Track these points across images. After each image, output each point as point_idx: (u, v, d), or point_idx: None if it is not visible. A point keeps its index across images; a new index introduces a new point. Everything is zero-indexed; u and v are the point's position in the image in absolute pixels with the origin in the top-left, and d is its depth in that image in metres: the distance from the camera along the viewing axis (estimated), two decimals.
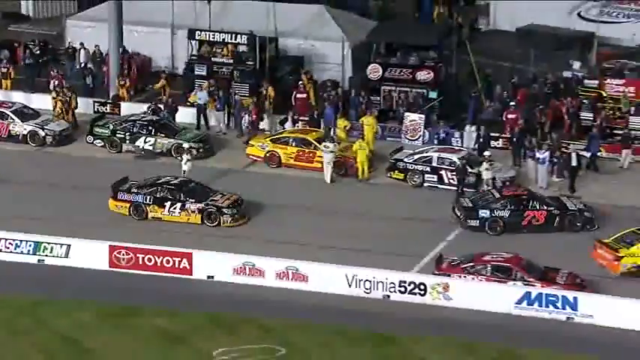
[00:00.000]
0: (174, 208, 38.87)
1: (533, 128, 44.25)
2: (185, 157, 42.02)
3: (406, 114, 45.61)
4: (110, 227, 38.64)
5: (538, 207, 38.69)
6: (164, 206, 38.90)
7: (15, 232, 37.20)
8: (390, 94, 46.64)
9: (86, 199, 40.69)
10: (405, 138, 45.35)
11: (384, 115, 46.17)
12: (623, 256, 35.93)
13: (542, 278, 34.77)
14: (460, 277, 35.11)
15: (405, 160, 42.40)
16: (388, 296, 35.14)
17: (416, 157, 42.34)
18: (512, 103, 45.12)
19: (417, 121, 45.37)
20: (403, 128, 45.57)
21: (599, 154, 42.79)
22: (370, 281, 35.26)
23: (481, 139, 43.78)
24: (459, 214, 39.10)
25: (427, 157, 42.16)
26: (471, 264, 35.36)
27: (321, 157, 42.80)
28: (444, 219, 39.49)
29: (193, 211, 38.87)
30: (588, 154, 42.45)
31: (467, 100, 46.44)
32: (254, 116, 45.22)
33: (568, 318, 33.95)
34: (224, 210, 38.83)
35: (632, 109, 44.70)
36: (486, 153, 42.04)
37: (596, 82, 45.85)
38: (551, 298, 34.01)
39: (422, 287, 34.95)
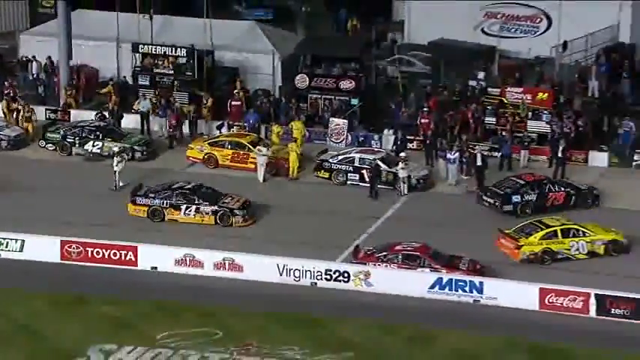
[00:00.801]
0: (190, 211, 38.25)
1: (443, 131, 44.41)
2: (116, 159, 41.39)
3: (331, 119, 45.68)
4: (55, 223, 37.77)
5: (557, 189, 39.18)
6: (180, 209, 38.27)
7: None
8: (316, 102, 46.72)
9: (40, 198, 40.06)
10: (330, 141, 45.36)
11: (311, 120, 46.20)
12: (522, 245, 36.02)
13: (447, 265, 34.91)
14: (374, 265, 35.11)
15: (330, 160, 42.37)
16: (315, 283, 35.03)
17: (340, 158, 42.30)
18: (425, 109, 45.17)
19: (340, 125, 45.41)
20: (328, 132, 45.56)
21: (514, 155, 42.95)
22: (299, 270, 35.15)
23: (399, 142, 43.72)
24: (492, 201, 39.06)
25: (350, 157, 42.16)
26: (384, 253, 35.40)
27: (254, 158, 42.63)
28: (364, 213, 39.40)
29: (207, 213, 38.30)
30: (499, 155, 42.51)
31: (387, 106, 46.59)
32: (173, 122, 44.87)
33: (475, 300, 34.04)
34: (235, 211, 38.33)
35: (530, 114, 44.87)
36: (402, 154, 42.19)
37: (498, 90, 46.01)
38: (460, 283, 34.11)
39: (346, 275, 34.90)
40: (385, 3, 56.11)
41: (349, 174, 41.77)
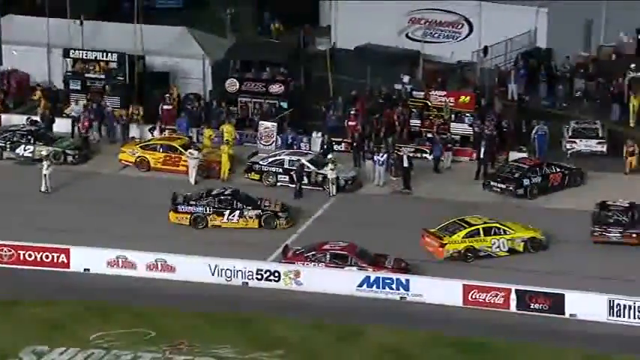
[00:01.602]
0: (233, 216, 37.93)
1: (370, 134, 44.49)
2: (45, 163, 40.86)
3: (261, 122, 45.50)
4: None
5: (555, 170, 40.83)
6: (223, 215, 37.90)
7: None
8: (246, 105, 46.50)
9: None
10: (260, 143, 45.16)
11: (242, 124, 45.94)
12: (446, 243, 36.29)
13: (373, 263, 34.99)
14: (303, 264, 35.05)
15: (261, 162, 42.24)
16: (247, 283, 34.82)
17: (270, 160, 42.22)
18: (352, 112, 45.22)
19: (270, 128, 45.27)
20: (258, 135, 45.36)
21: (442, 158, 43.22)
22: (231, 270, 34.95)
23: (325, 145, 43.73)
24: (504, 186, 40.11)
25: (279, 159, 42.08)
26: (313, 252, 35.38)
27: (186, 161, 42.31)
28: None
29: (251, 217, 38.01)
30: (431, 157, 42.89)
31: (316, 109, 46.68)
32: (86, 124, 44.53)
33: (401, 297, 34.21)
34: (279, 214, 38.06)
35: (453, 116, 45.20)
36: (330, 156, 42.13)
37: (423, 93, 46.23)
38: (387, 281, 34.23)
39: (276, 274, 34.80)
40: (312, 8, 56.18)
41: (279, 175, 41.65)
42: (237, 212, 38.03)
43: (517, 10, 50.53)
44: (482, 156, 42.47)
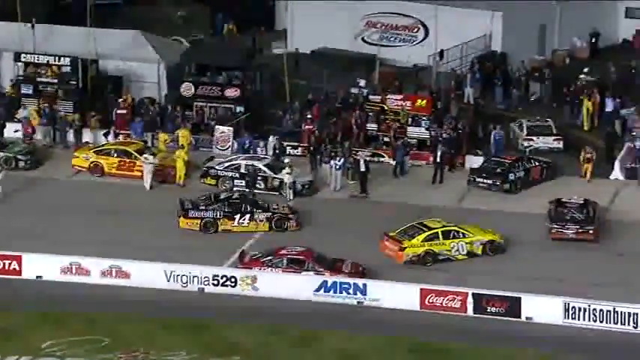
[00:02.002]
0: (244, 219, 37.71)
1: (327, 138, 44.25)
2: None
3: (216, 127, 45.13)
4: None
5: (534, 164, 41.48)
6: (234, 218, 37.69)
7: None
8: (202, 109, 46.04)
9: None
10: (215, 148, 44.77)
11: (197, 128, 45.52)
12: (405, 247, 36.11)
13: (331, 268, 34.76)
14: (260, 269, 34.76)
15: (217, 167, 41.88)
16: (203, 289, 34.42)
17: (226, 164, 41.87)
18: (308, 116, 44.96)
19: (226, 132, 44.88)
20: (214, 139, 44.99)
21: (408, 163, 43.22)
22: (186, 276, 34.58)
23: (276, 150, 43.50)
24: (490, 182, 40.49)
25: (236, 164, 41.77)
26: (270, 257, 35.05)
27: (141, 166, 41.85)
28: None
29: (261, 220, 37.85)
30: (394, 162, 42.76)
31: (271, 114, 46.46)
32: (29, 130, 44.05)
33: (359, 302, 33.99)
34: (290, 216, 37.89)
35: (410, 120, 45.11)
36: (287, 160, 41.83)
37: (379, 97, 46.08)
38: (344, 286, 34.01)
39: (233, 280, 34.49)
40: (268, 12, 55.96)
41: (235, 180, 41.34)
42: (248, 215, 37.89)
43: (472, 14, 50.69)
44: (438, 160, 42.31)
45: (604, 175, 41.85)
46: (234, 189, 40.98)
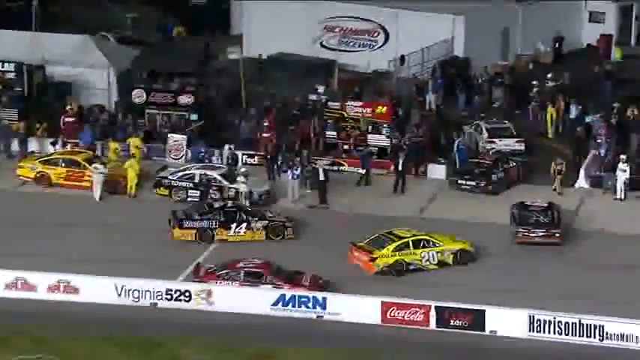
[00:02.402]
0: (240, 228, 37.63)
1: (284, 146, 44.17)
2: None
3: (169, 135, 44.95)
4: None
5: (510, 164, 42.41)
6: (230, 228, 37.59)
7: None
8: (154, 117, 45.90)
9: None
10: (169, 157, 44.60)
11: (149, 136, 45.32)
12: (376, 257, 36.05)
13: (290, 281, 34.63)
14: (216, 283, 34.52)
15: (170, 177, 41.66)
16: (156, 304, 34.18)
17: (179, 174, 41.66)
18: (265, 124, 44.85)
19: (179, 141, 44.73)
20: (167, 148, 44.78)
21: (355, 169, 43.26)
22: (138, 291, 34.25)
23: (229, 160, 43.32)
24: (474, 183, 41.14)
25: (190, 174, 41.54)
26: (226, 271, 34.85)
27: (90, 176, 41.55)
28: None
29: (258, 229, 37.79)
30: (363, 171, 42.64)
31: (227, 121, 46.35)
32: None
33: (318, 316, 33.86)
34: (287, 224, 37.80)
35: (370, 127, 45.11)
36: (242, 169, 41.74)
37: (339, 104, 46.07)
38: (303, 299, 33.83)
39: (187, 294, 34.19)
40: (223, 16, 55.85)
41: (189, 190, 41.15)
42: (244, 224, 37.81)
43: (434, 17, 50.96)
44: (400, 168, 42.34)
45: (569, 183, 42.08)
46: (188, 198, 40.86)
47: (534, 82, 48.05)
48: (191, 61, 48.19)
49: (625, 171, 40.98)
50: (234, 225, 37.90)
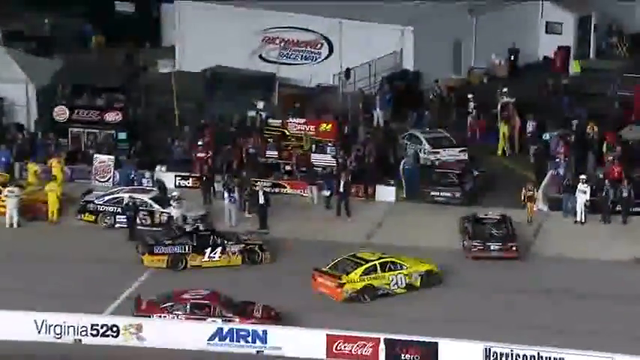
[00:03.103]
0: (214, 253, 37.52)
1: (221, 167, 43.88)
2: None
3: (95, 155, 44.59)
4: None
5: (476, 174, 43.13)
6: (204, 253, 37.50)
7: None
8: (78, 136, 45.56)
9: None
10: (95, 179, 44.20)
11: (73, 157, 44.94)
12: (344, 283, 35.78)
13: (240, 313, 34.28)
14: (160, 316, 34.01)
15: (96, 201, 41.31)
16: (80, 340, 33.64)
17: (107, 198, 41.31)
18: (199, 143, 44.51)
19: (106, 162, 44.37)
20: (93, 170, 44.40)
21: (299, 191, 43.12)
22: (61, 326, 33.71)
23: (157, 183, 43.01)
24: (449, 195, 41.73)
25: (118, 198, 41.22)
26: (171, 303, 34.34)
27: (4, 201, 40.96)
28: (135, 259, 38.30)
29: (234, 253, 37.64)
30: (328, 193, 42.46)
31: (159, 140, 46.20)
32: None
33: (258, 351, 33.48)
34: (264, 247, 37.86)
35: (313, 146, 44.90)
36: (175, 193, 41.42)
37: (280, 121, 45.92)
38: (242, 333, 33.48)
39: (114, 329, 33.67)
40: (153, 26, 55.52)
41: (117, 216, 40.78)
42: (219, 249, 37.58)
43: (381, 28, 51.01)
44: (342, 189, 41.99)
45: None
46: (117, 224, 40.51)
47: (470, 96, 48.18)
48: (118, 76, 47.90)
49: (585, 192, 41.02)
50: (208, 250, 37.73)
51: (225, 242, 38.07)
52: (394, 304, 35.87)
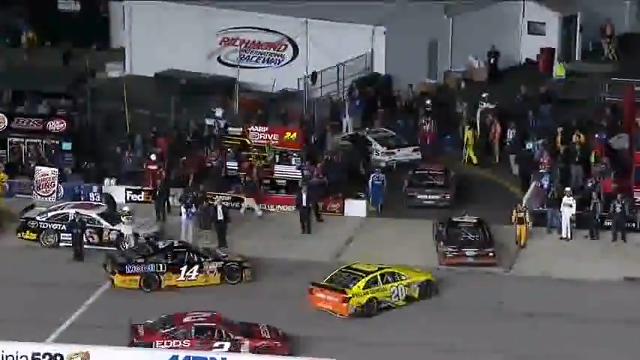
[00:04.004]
0: (191, 272, 37.60)
1: (176, 180, 43.80)
2: None
3: (37, 167, 44.37)
4: None
5: (450, 174, 44.05)
6: (179, 272, 37.61)
7: None
8: (18, 147, 45.34)
9: None
10: (36, 194, 44.00)
11: (13, 170, 44.69)
12: (350, 297, 35.88)
13: (248, 334, 34.12)
14: (163, 343, 33.64)
15: (38, 218, 41.09)
16: None
17: (50, 214, 41.12)
18: (152, 154, 44.40)
19: (49, 175, 44.12)
20: (34, 183, 44.17)
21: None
22: None
23: (105, 197, 42.83)
24: (437, 197, 42.57)
25: (62, 214, 41.02)
26: (173, 328, 33.96)
27: None
28: (81, 281, 38.20)
29: (212, 271, 37.71)
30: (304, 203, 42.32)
31: (108, 151, 46.18)
32: None
33: None
34: (244, 264, 38.11)
35: (277, 157, 44.80)
36: (126, 208, 41.25)
37: (240, 129, 45.89)
38: None
39: (58, 358, 33.18)
40: (100, 26, 55.28)
41: (62, 234, 40.61)
42: (196, 267, 37.59)
43: (350, 28, 51.05)
44: (304, 204, 41.74)
45: (508, 219, 41.79)
46: (61, 243, 40.32)
47: (427, 102, 48.45)
48: (63, 80, 47.83)
49: (571, 206, 40.97)
50: (184, 268, 37.66)
51: (202, 260, 38.01)
52: (350, 327, 35.64)
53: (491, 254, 38.85)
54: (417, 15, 52.12)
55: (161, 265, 37.85)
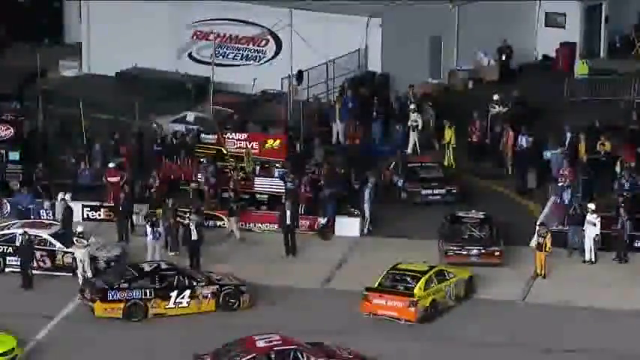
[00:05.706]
0: (182, 298, 37.81)
1: (141, 194, 43.87)
2: None
3: None
4: None
5: (441, 168, 45.49)
6: (169, 298, 37.77)
7: None
8: None
9: None
10: None
11: None
12: (418, 300, 36.81)
13: (330, 356, 34.35)
14: None
15: None
16: None
17: None
18: (113, 165, 44.45)
19: None
20: None
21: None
22: None
23: (62, 215, 42.63)
24: (445, 190, 44.16)
25: (9, 235, 41.03)
26: (250, 356, 33.44)
27: None
28: (29, 311, 38.20)
29: (206, 297, 37.87)
30: (324, 220, 42.79)
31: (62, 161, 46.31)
32: None
33: None
34: (242, 288, 38.43)
35: (257, 168, 44.78)
36: (79, 228, 40.99)
37: (215, 136, 45.95)
38: None
39: None
40: (52, 19, 55.28)
41: (7, 257, 40.55)
42: (188, 292, 37.70)
43: (341, 20, 51.01)
44: (288, 222, 41.65)
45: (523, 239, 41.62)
46: (6, 268, 40.26)
47: (412, 107, 48.51)
48: (10, 81, 47.74)
49: (595, 225, 40.93)
50: (174, 294, 37.76)
51: (195, 283, 38.08)
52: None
53: (497, 253, 39.70)
54: (417, 6, 52.14)
55: (148, 291, 37.80)
